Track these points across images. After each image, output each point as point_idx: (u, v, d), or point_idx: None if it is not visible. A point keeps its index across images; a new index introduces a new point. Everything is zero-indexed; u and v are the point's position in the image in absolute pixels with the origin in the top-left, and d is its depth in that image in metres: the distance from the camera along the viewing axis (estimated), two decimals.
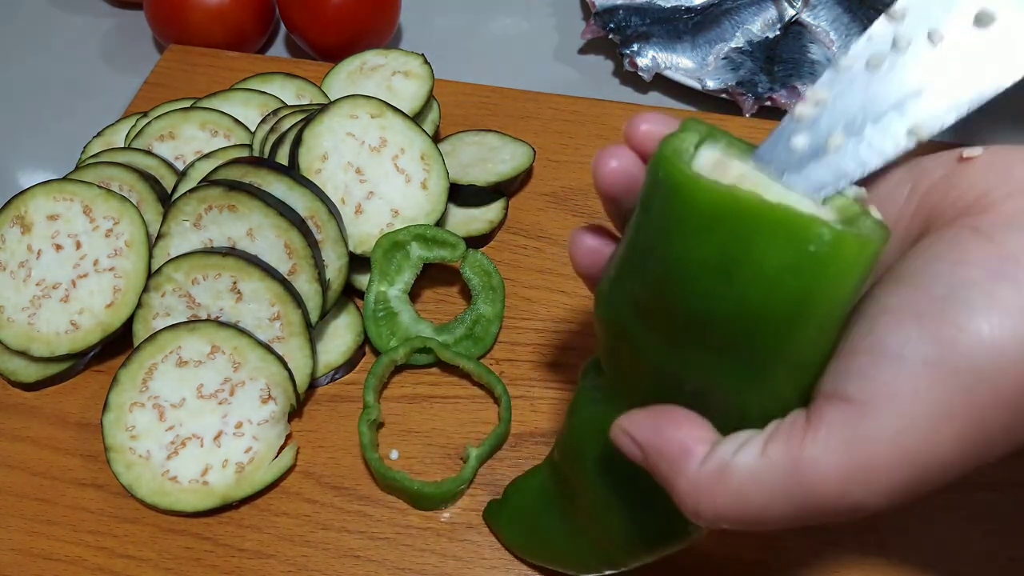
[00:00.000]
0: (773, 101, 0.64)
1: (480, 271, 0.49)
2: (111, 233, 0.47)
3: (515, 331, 0.49)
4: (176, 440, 0.42)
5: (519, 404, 0.46)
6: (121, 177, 0.49)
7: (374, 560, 0.41)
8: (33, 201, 0.47)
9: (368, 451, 0.42)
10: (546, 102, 0.61)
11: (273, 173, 0.46)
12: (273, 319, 0.44)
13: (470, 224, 0.53)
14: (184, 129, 0.53)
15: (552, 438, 0.45)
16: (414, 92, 0.55)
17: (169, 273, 0.44)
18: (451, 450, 0.44)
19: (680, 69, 0.67)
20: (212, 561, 0.41)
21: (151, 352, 0.43)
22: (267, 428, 0.43)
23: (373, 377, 0.45)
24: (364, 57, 0.58)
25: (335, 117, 0.49)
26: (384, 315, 0.48)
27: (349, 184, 0.49)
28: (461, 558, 0.41)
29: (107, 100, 0.66)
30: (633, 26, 0.68)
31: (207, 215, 0.45)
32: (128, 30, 0.74)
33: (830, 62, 0.67)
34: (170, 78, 0.63)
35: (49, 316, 0.46)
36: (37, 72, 0.71)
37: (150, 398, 0.43)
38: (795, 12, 0.70)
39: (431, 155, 0.51)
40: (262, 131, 0.51)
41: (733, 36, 0.69)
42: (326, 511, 0.43)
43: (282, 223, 0.44)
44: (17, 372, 0.47)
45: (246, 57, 0.65)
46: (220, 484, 0.42)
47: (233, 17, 0.66)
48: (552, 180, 0.57)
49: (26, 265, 0.47)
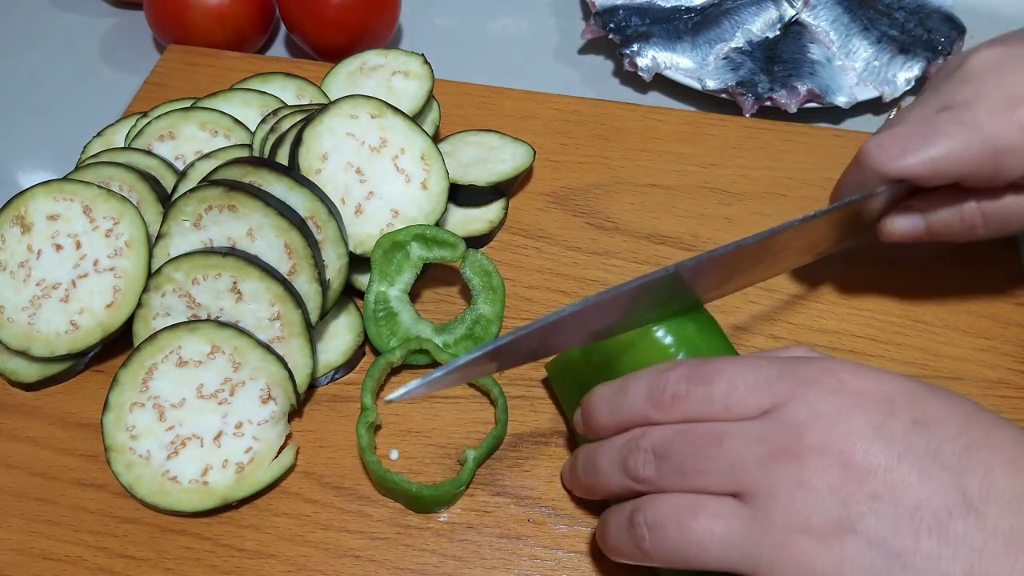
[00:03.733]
0: (773, 101, 0.64)
1: (480, 271, 0.49)
2: (111, 233, 0.47)
3: None
4: (176, 440, 0.42)
5: (519, 404, 0.46)
6: (121, 177, 0.49)
7: (374, 560, 0.41)
8: (33, 201, 0.47)
9: (367, 453, 0.42)
10: (546, 102, 0.61)
11: (273, 173, 0.46)
12: (273, 319, 0.44)
13: (470, 224, 0.53)
14: (184, 129, 0.53)
15: (552, 438, 0.45)
16: (414, 92, 0.55)
17: (169, 273, 0.44)
18: (451, 450, 0.44)
19: (680, 69, 0.67)
20: (212, 561, 0.41)
21: (151, 352, 0.43)
22: (267, 428, 0.43)
23: (371, 379, 0.45)
24: (364, 57, 0.58)
25: (335, 117, 0.49)
26: (384, 315, 0.48)
27: (349, 184, 0.49)
28: (461, 558, 0.41)
29: (107, 100, 0.66)
30: (633, 26, 0.68)
31: (207, 215, 0.45)
32: (128, 30, 0.74)
33: (830, 62, 0.67)
34: (170, 78, 0.63)
35: (49, 316, 0.46)
36: (37, 72, 0.71)
37: (150, 398, 0.43)
38: (795, 12, 0.70)
39: (431, 155, 0.51)
40: (262, 131, 0.51)
41: (733, 36, 0.69)
42: (326, 511, 0.43)
43: (282, 223, 0.44)
44: (17, 372, 0.47)
45: (246, 57, 0.65)
46: (220, 484, 0.42)
47: (233, 17, 0.66)
48: (552, 180, 0.57)
49: (26, 265, 0.47)
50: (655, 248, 0.53)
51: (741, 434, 0.32)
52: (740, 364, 0.35)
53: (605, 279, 0.52)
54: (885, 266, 0.52)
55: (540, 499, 0.43)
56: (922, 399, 0.32)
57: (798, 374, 0.33)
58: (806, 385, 0.32)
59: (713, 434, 0.33)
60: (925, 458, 0.30)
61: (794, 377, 0.33)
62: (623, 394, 0.37)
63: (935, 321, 0.50)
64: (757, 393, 0.33)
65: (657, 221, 0.55)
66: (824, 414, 0.31)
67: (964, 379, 0.48)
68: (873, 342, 0.49)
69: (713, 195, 0.56)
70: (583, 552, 0.41)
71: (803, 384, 0.33)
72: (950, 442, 0.31)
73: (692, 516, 0.32)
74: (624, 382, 0.37)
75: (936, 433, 0.31)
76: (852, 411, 0.31)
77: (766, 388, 0.33)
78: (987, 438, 0.31)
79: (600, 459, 0.37)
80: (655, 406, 0.35)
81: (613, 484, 0.36)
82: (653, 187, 0.56)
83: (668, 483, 0.34)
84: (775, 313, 0.50)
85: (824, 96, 0.64)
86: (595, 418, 0.38)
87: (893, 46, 0.67)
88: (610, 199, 0.56)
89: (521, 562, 0.41)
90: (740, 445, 0.32)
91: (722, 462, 0.32)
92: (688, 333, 0.40)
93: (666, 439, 0.34)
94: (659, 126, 0.60)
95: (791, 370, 0.33)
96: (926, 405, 0.32)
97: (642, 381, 0.36)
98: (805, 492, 0.30)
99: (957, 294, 0.51)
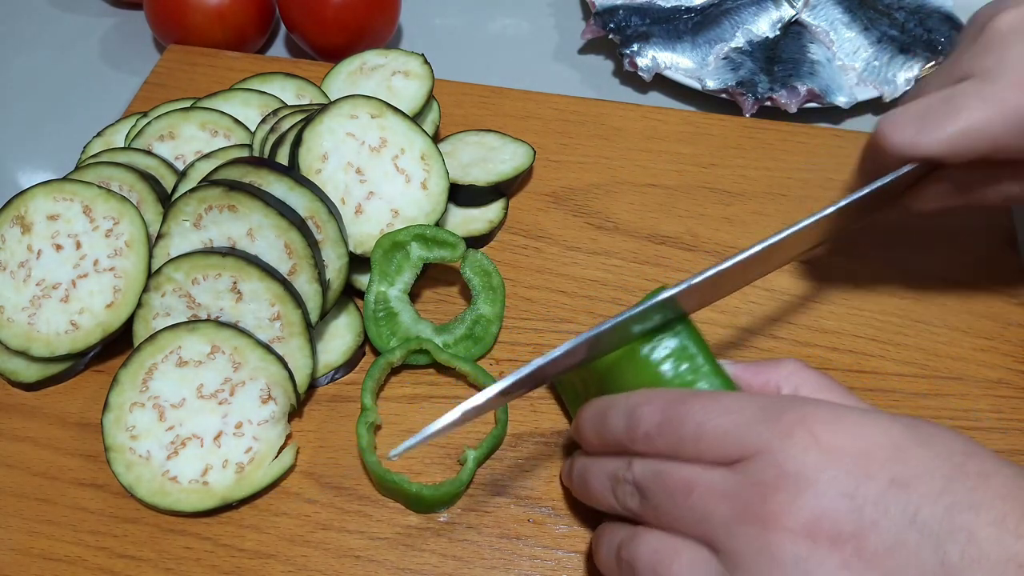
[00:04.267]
0: (773, 101, 0.64)
1: (480, 271, 0.49)
2: (111, 233, 0.47)
3: (515, 331, 0.49)
4: (176, 440, 0.42)
5: (519, 404, 0.46)
6: (121, 177, 0.49)
7: (374, 560, 0.41)
8: (33, 201, 0.47)
9: (367, 454, 0.42)
10: (546, 102, 0.61)
11: (273, 173, 0.46)
12: (273, 319, 0.44)
13: (470, 224, 0.53)
14: (184, 129, 0.53)
15: (552, 438, 0.45)
16: (414, 92, 0.55)
17: (169, 273, 0.44)
18: (451, 450, 0.44)
19: (680, 69, 0.67)
20: (212, 561, 0.41)
21: (151, 352, 0.43)
22: (267, 428, 0.43)
23: (370, 380, 0.45)
24: (364, 57, 0.58)
25: (335, 117, 0.49)
26: (384, 315, 0.48)
27: (349, 184, 0.49)
28: (461, 558, 0.41)
29: (107, 100, 0.67)
30: (633, 26, 0.68)
31: (207, 215, 0.45)
32: (128, 30, 0.74)
33: (830, 62, 0.67)
34: (170, 78, 0.63)
35: (49, 316, 0.46)
36: (37, 72, 0.71)
37: (150, 398, 0.43)
38: (795, 12, 0.70)
39: (431, 155, 0.51)
40: (262, 131, 0.51)
41: (733, 36, 0.69)
42: (326, 511, 0.43)
43: (282, 223, 0.44)
44: (17, 372, 0.47)
45: (246, 57, 0.65)
46: (220, 484, 0.42)
47: (233, 17, 0.66)
48: (552, 180, 0.57)
49: (26, 265, 0.47)
50: (655, 248, 0.53)
51: (710, 487, 0.31)
52: (712, 406, 0.33)
53: (605, 279, 0.52)
54: (885, 266, 0.52)
55: (540, 499, 0.43)
56: (903, 452, 0.29)
57: (770, 425, 0.31)
58: (778, 439, 0.30)
59: (684, 482, 0.32)
60: (901, 524, 0.28)
61: (766, 428, 0.31)
62: (604, 422, 0.36)
63: (935, 321, 0.50)
64: (727, 441, 0.31)
65: (657, 221, 0.55)
66: (792, 476, 0.29)
67: (964, 379, 0.48)
68: (873, 342, 0.49)
69: (713, 195, 0.56)
70: (583, 552, 0.41)
71: (774, 437, 0.30)
72: (931, 503, 0.28)
73: (667, 564, 0.31)
74: (605, 409, 0.36)
75: (915, 494, 0.28)
76: (822, 473, 0.29)
77: (736, 438, 0.31)
78: (972, 496, 0.28)
79: (591, 478, 0.37)
80: (631, 441, 0.34)
81: (604, 505, 0.37)
82: (653, 187, 0.56)
83: (649, 519, 0.34)
84: (775, 313, 0.50)
85: (824, 96, 0.64)
86: (583, 436, 0.38)
87: (893, 46, 0.67)
88: (610, 199, 0.56)
89: (521, 562, 0.41)
90: (708, 499, 0.31)
91: (692, 513, 0.31)
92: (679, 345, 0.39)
93: (645, 476, 0.33)
94: (659, 126, 0.60)
95: (764, 418, 0.31)
96: (907, 459, 0.29)
97: (620, 412, 0.35)
98: (770, 560, 0.29)
99: (957, 294, 0.51)
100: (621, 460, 0.35)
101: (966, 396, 0.47)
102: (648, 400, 0.34)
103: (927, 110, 0.39)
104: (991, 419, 0.46)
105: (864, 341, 0.49)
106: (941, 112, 0.39)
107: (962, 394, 0.47)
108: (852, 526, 0.28)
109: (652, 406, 0.34)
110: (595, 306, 0.50)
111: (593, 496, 0.37)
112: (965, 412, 0.46)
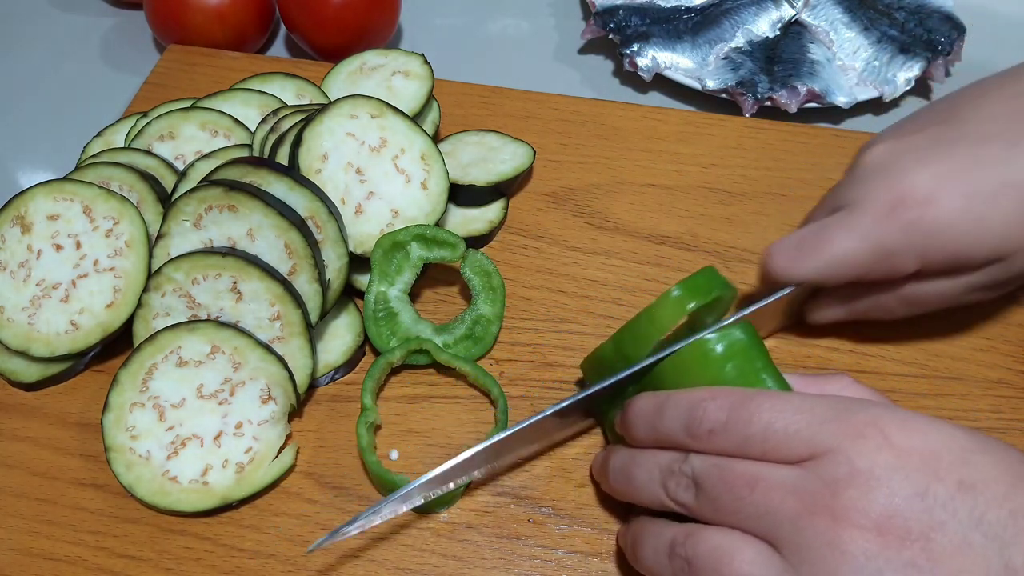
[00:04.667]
0: (773, 101, 0.64)
1: (480, 271, 0.49)
2: (111, 233, 0.47)
3: (515, 331, 0.49)
4: (176, 440, 0.42)
5: (519, 404, 0.46)
6: (121, 177, 0.49)
7: (374, 560, 0.41)
8: (33, 201, 0.47)
9: (367, 454, 0.42)
10: (546, 102, 0.61)
11: (273, 173, 0.46)
12: (273, 319, 0.44)
13: (470, 224, 0.53)
14: (184, 129, 0.53)
15: None
16: (414, 92, 0.55)
17: (169, 273, 0.44)
18: (451, 450, 0.44)
19: (680, 69, 0.67)
20: (212, 561, 0.41)
21: (151, 352, 0.43)
22: (267, 428, 0.43)
23: (370, 380, 0.45)
24: (364, 57, 0.58)
25: (335, 117, 0.49)
26: (384, 315, 0.48)
27: (349, 184, 0.49)
28: (461, 558, 0.41)
29: (107, 100, 0.67)
30: (633, 26, 0.68)
31: (207, 215, 0.45)
32: (128, 30, 0.74)
33: (830, 62, 0.67)
34: (170, 78, 0.63)
35: (49, 316, 0.46)
36: (37, 72, 0.71)
37: (150, 398, 0.43)
38: (795, 12, 0.70)
39: (431, 155, 0.51)
40: (262, 131, 0.51)
41: (733, 36, 0.69)
42: (326, 511, 0.43)
43: (282, 223, 0.44)
44: (17, 372, 0.47)
45: (246, 57, 0.65)
46: (220, 484, 0.42)
47: (233, 17, 0.66)
48: (552, 180, 0.57)
49: (26, 265, 0.47)
50: (655, 248, 0.53)
51: (777, 482, 0.31)
52: (782, 405, 0.33)
53: (605, 279, 0.52)
54: None
55: (540, 499, 0.43)
56: (970, 456, 0.30)
57: (842, 425, 0.31)
58: (849, 439, 0.31)
59: (748, 477, 0.32)
60: (968, 526, 0.29)
61: (838, 428, 0.31)
62: (660, 417, 0.36)
63: (935, 321, 0.50)
64: (796, 440, 0.32)
65: (657, 221, 0.55)
66: (864, 473, 0.30)
67: (964, 379, 0.48)
68: (873, 342, 0.49)
69: (713, 195, 0.56)
70: (583, 552, 0.41)
71: (845, 437, 0.31)
72: (996, 507, 0.29)
73: (727, 561, 0.31)
74: (662, 404, 0.36)
75: (981, 497, 0.29)
76: (894, 473, 0.30)
77: (806, 437, 0.31)
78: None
79: (636, 471, 0.37)
80: (692, 437, 0.34)
81: (647, 498, 0.36)
82: (653, 187, 0.56)
83: (705, 514, 0.33)
84: None
85: (824, 96, 0.64)
86: (632, 431, 0.38)
87: (893, 46, 0.68)
88: (610, 199, 0.56)
89: (521, 562, 0.41)
90: (774, 494, 0.31)
91: (755, 508, 0.31)
92: (735, 347, 0.38)
93: (705, 470, 0.33)
94: (659, 126, 0.60)
95: (835, 417, 0.32)
96: (974, 463, 0.30)
97: (681, 407, 0.35)
98: (838, 555, 0.29)
99: None
100: (675, 454, 0.35)
101: (966, 396, 0.47)
102: (713, 396, 0.34)
103: (802, 240, 0.43)
104: (991, 419, 0.46)
105: (864, 341, 0.49)
106: (813, 242, 0.42)
107: (962, 394, 0.47)
108: (921, 525, 0.29)
109: (717, 402, 0.34)
110: (595, 306, 0.50)
111: (637, 489, 0.37)
112: (965, 412, 0.46)
